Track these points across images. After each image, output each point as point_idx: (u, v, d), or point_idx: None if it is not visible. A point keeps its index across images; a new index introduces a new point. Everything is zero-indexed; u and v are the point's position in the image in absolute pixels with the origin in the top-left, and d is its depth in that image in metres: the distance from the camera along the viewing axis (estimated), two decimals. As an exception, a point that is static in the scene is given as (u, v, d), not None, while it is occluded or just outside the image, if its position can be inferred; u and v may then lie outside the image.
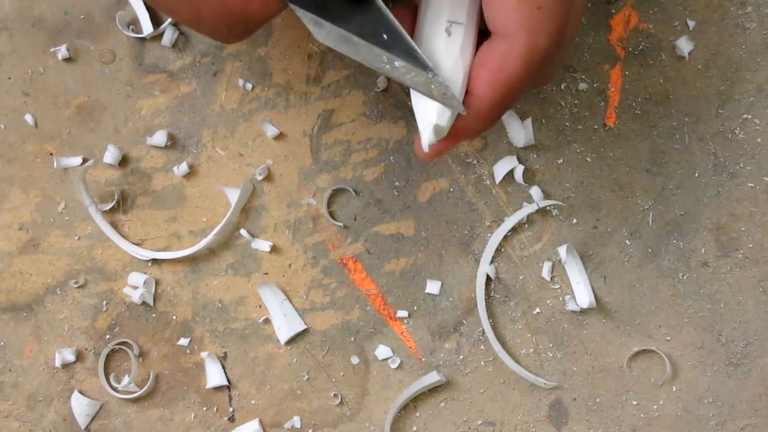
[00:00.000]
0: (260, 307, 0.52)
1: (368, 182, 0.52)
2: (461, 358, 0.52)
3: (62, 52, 0.52)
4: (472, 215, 0.52)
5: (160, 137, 0.52)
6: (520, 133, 0.52)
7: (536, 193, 0.51)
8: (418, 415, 0.52)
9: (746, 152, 0.52)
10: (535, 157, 0.52)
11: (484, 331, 0.51)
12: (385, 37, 0.38)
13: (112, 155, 0.52)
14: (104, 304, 0.52)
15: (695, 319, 0.52)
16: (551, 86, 0.52)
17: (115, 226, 0.52)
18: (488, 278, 0.51)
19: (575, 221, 0.52)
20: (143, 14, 0.52)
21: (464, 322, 0.52)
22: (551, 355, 0.52)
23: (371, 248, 0.52)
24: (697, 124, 0.52)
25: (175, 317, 0.52)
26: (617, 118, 0.52)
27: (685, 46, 0.51)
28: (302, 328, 0.52)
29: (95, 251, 0.52)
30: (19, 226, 0.52)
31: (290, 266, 0.52)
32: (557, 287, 0.52)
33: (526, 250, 0.52)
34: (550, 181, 0.52)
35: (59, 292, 0.52)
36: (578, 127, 0.52)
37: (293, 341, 0.52)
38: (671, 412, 0.51)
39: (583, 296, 0.51)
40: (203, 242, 0.51)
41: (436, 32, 0.39)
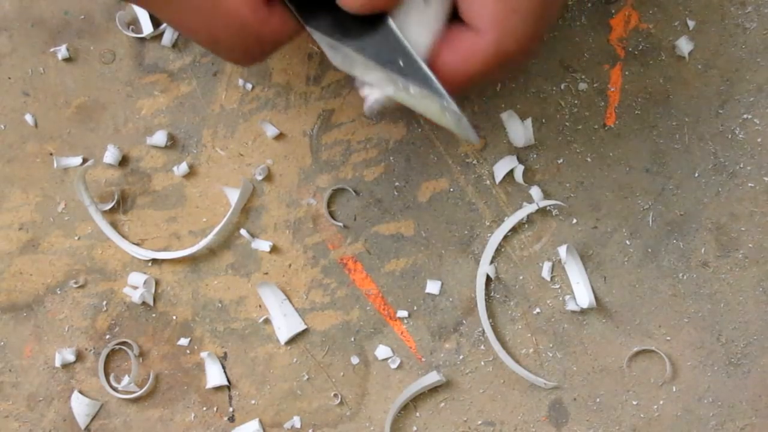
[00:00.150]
0: (260, 307, 0.52)
1: (368, 182, 0.52)
2: (461, 358, 0.52)
3: (62, 52, 0.52)
4: (472, 215, 0.52)
5: (160, 137, 0.52)
6: (520, 133, 0.52)
7: (536, 193, 0.51)
8: (418, 415, 0.52)
9: (746, 152, 0.52)
10: (535, 157, 0.52)
11: (484, 331, 0.51)
12: (401, 63, 0.39)
13: (112, 155, 0.52)
14: (104, 304, 0.52)
15: (695, 319, 0.52)
16: (551, 86, 0.52)
17: (115, 226, 0.52)
18: (488, 278, 0.51)
19: (575, 221, 0.52)
20: (143, 14, 0.52)
21: (464, 322, 0.52)
22: (551, 355, 0.52)
23: (371, 248, 0.52)
24: (697, 124, 0.52)
25: (175, 317, 0.52)
26: (617, 118, 0.52)
27: (685, 46, 0.51)
28: (302, 328, 0.52)
29: (95, 251, 0.52)
30: (19, 226, 0.52)
31: (290, 266, 0.52)
32: (557, 287, 0.52)
33: (526, 250, 0.52)
34: (550, 181, 0.52)
35: (59, 292, 0.52)
36: (578, 127, 0.52)
37: (293, 341, 0.52)
38: (671, 412, 0.51)
39: (583, 296, 0.51)
40: (203, 242, 0.51)
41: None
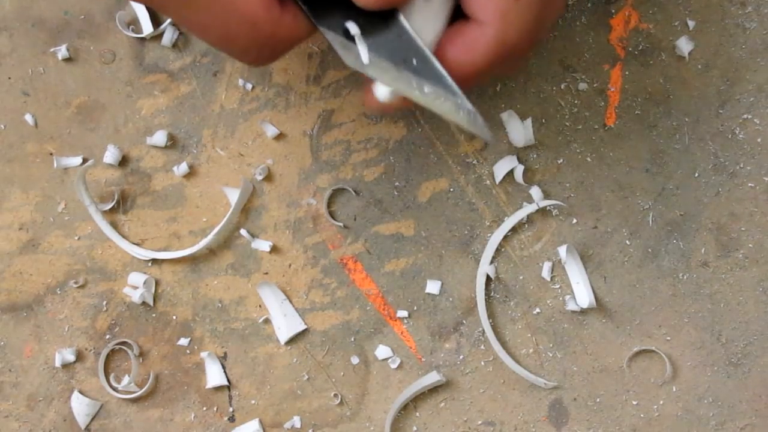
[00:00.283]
0: (260, 307, 0.52)
1: (368, 182, 0.52)
2: (461, 358, 0.52)
3: (62, 52, 0.52)
4: (472, 215, 0.52)
5: (160, 137, 0.52)
6: (520, 133, 0.52)
7: (536, 193, 0.51)
8: (418, 415, 0.52)
9: (746, 152, 0.52)
10: (535, 157, 0.52)
11: (484, 331, 0.51)
12: (414, 62, 0.39)
13: (112, 155, 0.52)
14: (104, 304, 0.52)
15: (695, 319, 0.52)
16: (551, 86, 0.52)
17: (115, 226, 0.52)
18: (488, 278, 0.51)
19: (575, 221, 0.52)
20: (143, 14, 0.52)
21: (464, 322, 0.52)
22: (551, 355, 0.52)
23: (371, 248, 0.52)
24: (697, 124, 0.52)
25: (175, 317, 0.52)
26: (617, 118, 0.52)
27: (685, 46, 0.51)
28: (302, 328, 0.52)
29: (95, 251, 0.52)
30: (19, 226, 0.52)
31: (290, 266, 0.52)
32: (557, 287, 0.52)
33: (526, 250, 0.52)
34: (550, 181, 0.52)
35: (59, 292, 0.52)
36: (578, 127, 0.52)
37: (293, 341, 0.52)
38: (671, 412, 0.51)
39: (583, 296, 0.51)
40: (203, 242, 0.51)
41: None
